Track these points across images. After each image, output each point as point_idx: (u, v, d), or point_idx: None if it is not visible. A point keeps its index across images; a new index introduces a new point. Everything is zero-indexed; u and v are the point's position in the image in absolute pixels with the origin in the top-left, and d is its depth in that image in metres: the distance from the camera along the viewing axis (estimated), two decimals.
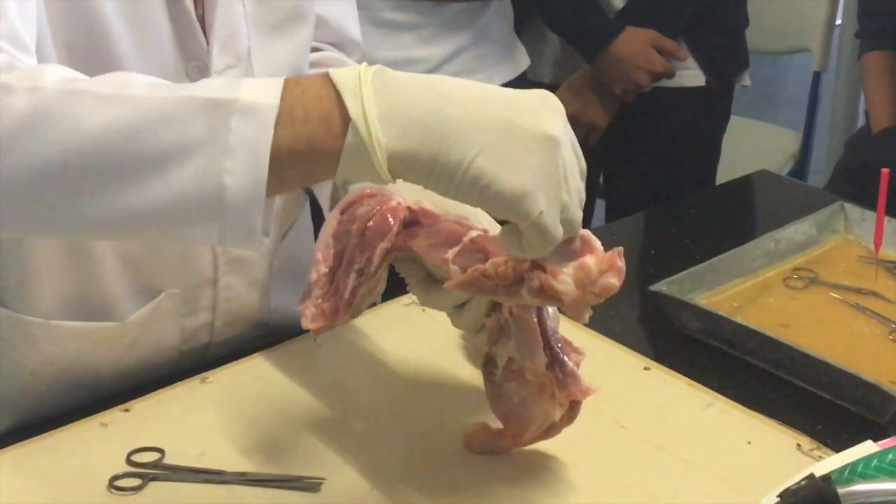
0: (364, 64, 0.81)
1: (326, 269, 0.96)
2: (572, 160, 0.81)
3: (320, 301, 0.96)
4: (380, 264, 0.95)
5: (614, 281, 0.86)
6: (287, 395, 1.10)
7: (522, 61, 1.96)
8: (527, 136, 0.78)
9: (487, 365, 0.99)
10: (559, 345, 0.95)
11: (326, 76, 0.80)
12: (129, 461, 1.00)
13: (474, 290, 0.91)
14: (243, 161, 0.78)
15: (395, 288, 1.05)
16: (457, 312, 0.97)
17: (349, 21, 1.26)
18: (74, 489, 0.97)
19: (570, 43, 2.12)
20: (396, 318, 1.21)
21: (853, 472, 0.80)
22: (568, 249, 0.85)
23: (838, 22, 2.89)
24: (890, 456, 0.79)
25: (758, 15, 2.30)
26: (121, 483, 0.97)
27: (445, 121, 0.78)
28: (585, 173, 0.84)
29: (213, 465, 0.99)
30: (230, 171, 0.78)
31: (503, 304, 0.95)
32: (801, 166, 2.78)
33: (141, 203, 0.79)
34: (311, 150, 0.79)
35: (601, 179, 2.36)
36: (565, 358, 0.95)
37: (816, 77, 2.80)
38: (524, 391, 0.97)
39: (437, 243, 0.92)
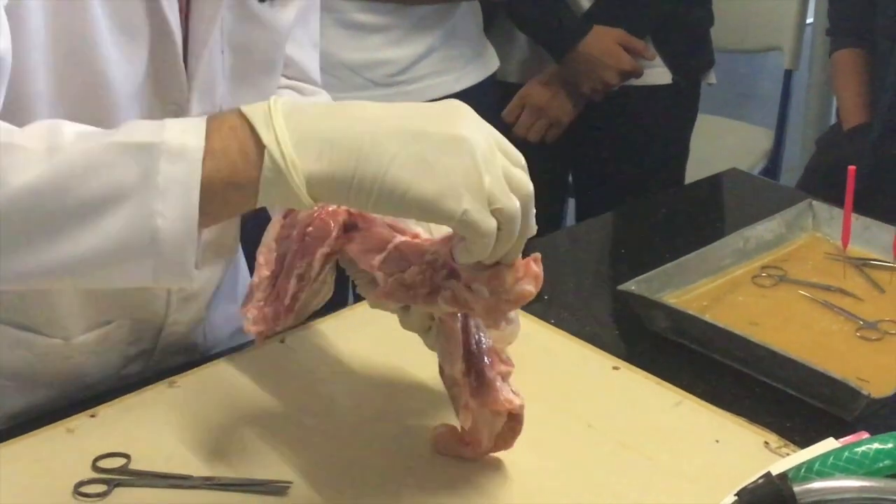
0: (273, 97, 0.82)
1: (268, 273, 0.96)
2: (489, 152, 0.81)
3: (262, 304, 0.96)
4: (320, 269, 0.94)
5: (530, 288, 0.85)
6: (255, 399, 1.10)
7: (492, 62, 1.95)
8: (436, 140, 0.80)
9: (440, 368, 0.98)
10: (484, 354, 0.94)
11: (239, 110, 0.81)
12: (94, 467, 0.99)
13: (395, 300, 0.90)
14: (174, 203, 0.79)
15: None
16: (403, 314, 0.97)
17: (313, 65, 1.27)
18: (39, 495, 0.96)
19: (539, 43, 2.12)
20: (364, 321, 1.20)
21: (810, 469, 0.80)
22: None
23: (810, 20, 2.90)
24: (846, 453, 0.80)
25: (730, 13, 2.31)
26: (86, 489, 0.96)
27: (357, 138, 0.80)
28: (522, 164, 0.84)
29: (180, 470, 0.99)
30: (161, 213, 0.79)
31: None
32: (773, 164, 2.79)
33: (74, 253, 0.80)
34: (233, 182, 0.80)
35: (570, 179, 2.36)
36: (487, 367, 0.94)
37: (788, 75, 2.82)
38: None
39: (369, 248, 0.92)
